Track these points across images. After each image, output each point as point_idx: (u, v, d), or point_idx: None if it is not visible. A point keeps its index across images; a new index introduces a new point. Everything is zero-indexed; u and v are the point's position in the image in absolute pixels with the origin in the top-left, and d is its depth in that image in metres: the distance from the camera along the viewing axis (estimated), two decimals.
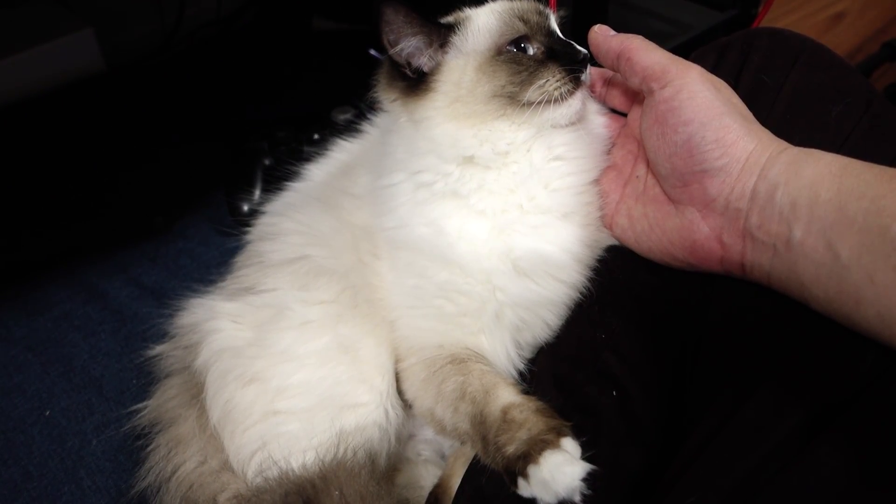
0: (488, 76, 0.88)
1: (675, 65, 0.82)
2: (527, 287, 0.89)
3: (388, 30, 0.86)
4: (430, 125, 0.89)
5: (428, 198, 0.90)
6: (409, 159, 0.91)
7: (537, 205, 0.89)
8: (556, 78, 0.88)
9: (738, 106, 0.82)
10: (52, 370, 1.25)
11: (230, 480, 0.91)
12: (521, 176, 0.89)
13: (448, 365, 0.90)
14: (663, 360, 0.87)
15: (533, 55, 0.90)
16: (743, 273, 0.80)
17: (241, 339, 0.95)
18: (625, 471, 0.81)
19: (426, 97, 0.89)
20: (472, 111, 0.88)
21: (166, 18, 2.09)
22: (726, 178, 0.77)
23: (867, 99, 0.89)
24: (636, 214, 0.89)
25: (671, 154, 0.81)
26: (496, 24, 0.90)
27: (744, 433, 0.77)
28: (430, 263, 0.90)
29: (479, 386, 0.86)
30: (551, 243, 0.89)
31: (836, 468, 0.69)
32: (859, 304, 0.68)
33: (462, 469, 0.90)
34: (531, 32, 0.90)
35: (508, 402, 0.82)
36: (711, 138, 0.78)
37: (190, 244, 1.52)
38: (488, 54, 0.89)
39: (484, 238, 0.89)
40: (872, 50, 2.42)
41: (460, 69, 0.89)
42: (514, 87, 0.87)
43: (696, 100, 0.79)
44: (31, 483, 1.09)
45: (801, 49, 0.93)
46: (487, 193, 0.89)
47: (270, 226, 1.05)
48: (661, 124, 0.81)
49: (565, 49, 0.90)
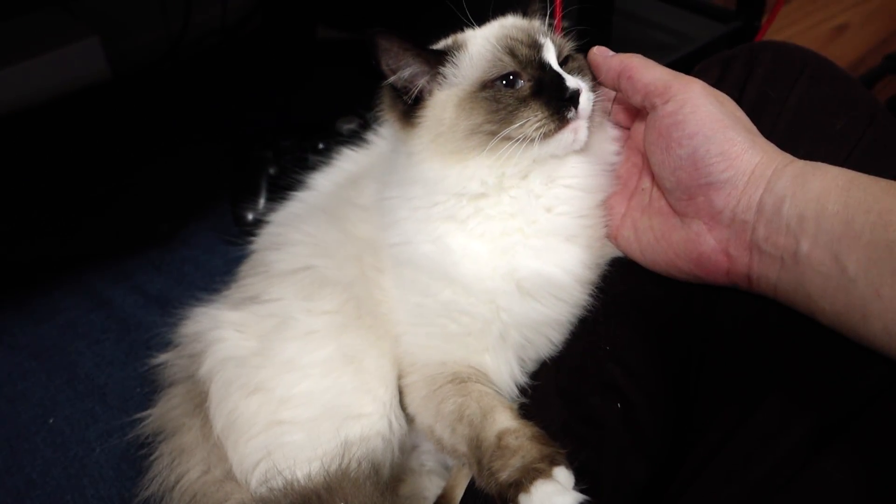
0: (466, 113, 0.86)
1: (677, 80, 0.83)
2: (532, 307, 0.89)
3: (385, 57, 0.86)
4: (418, 160, 0.88)
5: (428, 217, 0.90)
6: (403, 186, 0.91)
7: (539, 229, 0.88)
8: (536, 118, 0.84)
9: (742, 119, 0.82)
10: (57, 378, 1.25)
11: (234, 490, 0.91)
12: (520, 202, 0.88)
13: (448, 384, 0.90)
14: (668, 371, 0.87)
15: (518, 90, 0.86)
16: (749, 285, 0.80)
17: (245, 349, 0.95)
18: (630, 482, 0.81)
19: (414, 130, 0.88)
20: (455, 148, 0.86)
21: (172, 26, 2.10)
22: (732, 190, 0.77)
23: (871, 112, 0.89)
24: (641, 227, 0.89)
25: (676, 168, 0.81)
26: (485, 56, 0.87)
27: (750, 444, 0.77)
28: (433, 282, 0.90)
29: (477, 409, 0.86)
30: (555, 265, 0.88)
31: (843, 480, 0.69)
32: (866, 317, 0.68)
33: (465, 480, 0.90)
34: (519, 68, 0.86)
35: (504, 427, 0.82)
36: (716, 151, 0.78)
37: (194, 252, 1.52)
38: (470, 90, 0.86)
39: (487, 258, 0.88)
40: (874, 62, 2.42)
41: (442, 104, 0.87)
42: (493, 125, 0.84)
43: (699, 113, 0.79)
44: (34, 491, 1.09)
45: (806, 62, 0.94)
46: (485, 218, 0.88)
47: (276, 236, 1.05)
48: (666, 138, 0.82)
49: (554, 84, 0.85)
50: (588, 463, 0.80)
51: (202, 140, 1.84)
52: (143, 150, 1.80)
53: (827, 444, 0.73)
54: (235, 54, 2.18)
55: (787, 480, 0.73)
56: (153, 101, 1.98)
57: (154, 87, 2.03)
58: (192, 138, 1.85)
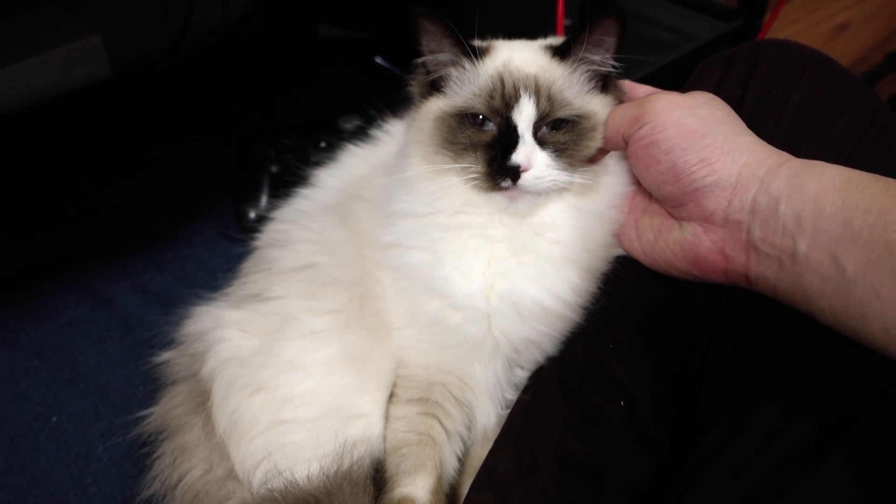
0: (437, 128, 0.87)
1: (644, 105, 0.82)
2: (528, 327, 0.89)
3: (426, 39, 0.85)
4: (411, 161, 0.90)
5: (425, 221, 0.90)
6: (408, 180, 0.91)
7: (536, 256, 0.88)
8: (474, 169, 0.84)
9: (722, 121, 0.81)
10: (59, 376, 1.25)
11: (236, 489, 0.91)
12: (506, 228, 0.88)
13: (413, 403, 0.93)
14: (671, 369, 0.87)
15: (480, 132, 0.85)
16: (749, 285, 0.81)
17: (247, 348, 0.95)
18: (632, 480, 0.81)
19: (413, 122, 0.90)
20: (432, 158, 0.87)
21: (173, 24, 2.10)
22: (721, 192, 0.78)
23: (874, 110, 0.89)
24: (642, 226, 0.89)
25: (661, 182, 0.82)
26: (475, 81, 0.86)
27: (753, 444, 0.77)
28: (420, 294, 0.91)
29: (410, 458, 0.90)
30: (550, 293, 0.88)
31: (846, 480, 0.69)
32: (865, 318, 0.68)
33: (470, 480, 0.90)
34: (487, 113, 0.85)
35: (411, 497, 0.87)
36: (695, 160, 0.78)
37: (196, 250, 1.52)
38: (450, 110, 0.87)
39: (480, 276, 0.88)
40: (876, 60, 2.43)
41: (424, 114, 0.89)
42: (449, 152, 0.86)
43: (671, 129, 0.79)
44: (37, 489, 1.09)
45: (808, 61, 0.93)
46: (478, 236, 0.88)
47: (280, 233, 1.05)
48: (644, 159, 0.82)
49: (504, 148, 0.82)
50: (590, 461, 0.80)
51: (203, 138, 1.84)
52: (144, 149, 1.80)
53: (829, 443, 0.73)
54: (237, 52, 2.18)
55: (788, 480, 0.73)
56: (154, 100, 1.97)
57: (155, 86, 2.02)
58: (194, 136, 1.85)
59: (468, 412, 0.96)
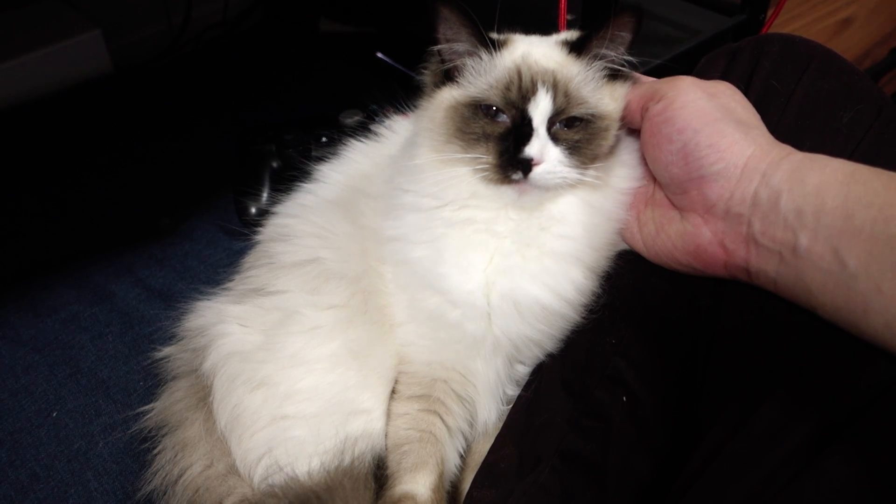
0: (449, 118, 0.86)
1: (666, 81, 0.83)
2: (529, 325, 0.89)
3: (444, 27, 0.85)
4: (420, 150, 0.90)
5: (431, 215, 0.90)
6: (414, 172, 0.91)
7: (540, 252, 0.88)
8: (485, 160, 0.84)
9: (737, 111, 0.81)
10: (60, 372, 1.25)
11: (237, 484, 0.91)
12: (513, 223, 0.88)
13: (415, 400, 0.92)
14: (673, 365, 0.87)
15: (493, 123, 0.85)
16: (749, 278, 0.80)
17: (249, 344, 0.95)
18: (634, 476, 0.81)
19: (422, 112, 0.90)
20: (441, 148, 0.87)
21: (173, 20, 2.10)
22: (725, 182, 0.77)
23: (878, 105, 0.89)
24: (644, 219, 0.89)
25: (668, 163, 0.81)
26: (492, 73, 0.86)
27: (755, 442, 0.77)
28: (420, 289, 0.91)
29: (411, 455, 0.89)
30: (553, 293, 0.88)
31: (847, 478, 0.69)
32: (867, 313, 0.67)
33: (471, 476, 0.90)
34: (502, 105, 0.84)
35: (412, 493, 0.86)
36: (705, 143, 0.78)
37: (197, 246, 1.52)
38: (463, 100, 0.87)
39: (480, 273, 0.88)
40: (880, 55, 2.42)
41: (437, 104, 0.88)
42: (460, 141, 0.86)
43: (688, 108, 0.80)
44: (38, 485, 1.09)
45: (812, 55, 0.93)
46: (483, 231, 0.88)
47: (282, 227, 1.04)
48: (657, 136, 0.82)
49: (518, 140, 0.82)
50: (592, 456, 0.80)
51: (204, 134, 1.84)
52: (144, 144, 1.80)
53: (830, 442, 0.73)
54: (237, 48, 2.18)
55: (790, 478, 0.73)
56: (155, 95, 1.98)
57: (156, 81, 2.03)
58: (194, 132, 1.85)
59: (470, 408, 0.96)
